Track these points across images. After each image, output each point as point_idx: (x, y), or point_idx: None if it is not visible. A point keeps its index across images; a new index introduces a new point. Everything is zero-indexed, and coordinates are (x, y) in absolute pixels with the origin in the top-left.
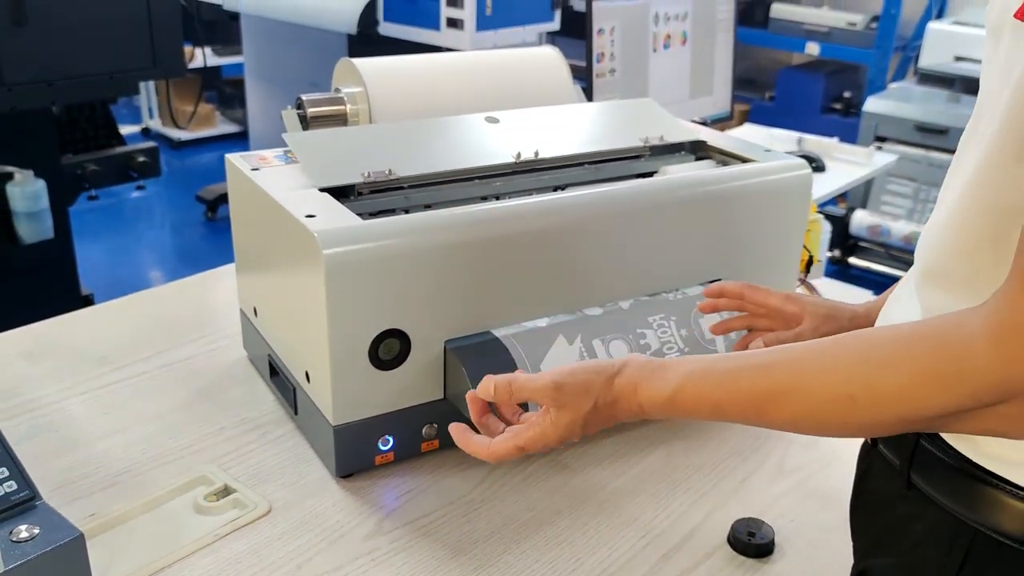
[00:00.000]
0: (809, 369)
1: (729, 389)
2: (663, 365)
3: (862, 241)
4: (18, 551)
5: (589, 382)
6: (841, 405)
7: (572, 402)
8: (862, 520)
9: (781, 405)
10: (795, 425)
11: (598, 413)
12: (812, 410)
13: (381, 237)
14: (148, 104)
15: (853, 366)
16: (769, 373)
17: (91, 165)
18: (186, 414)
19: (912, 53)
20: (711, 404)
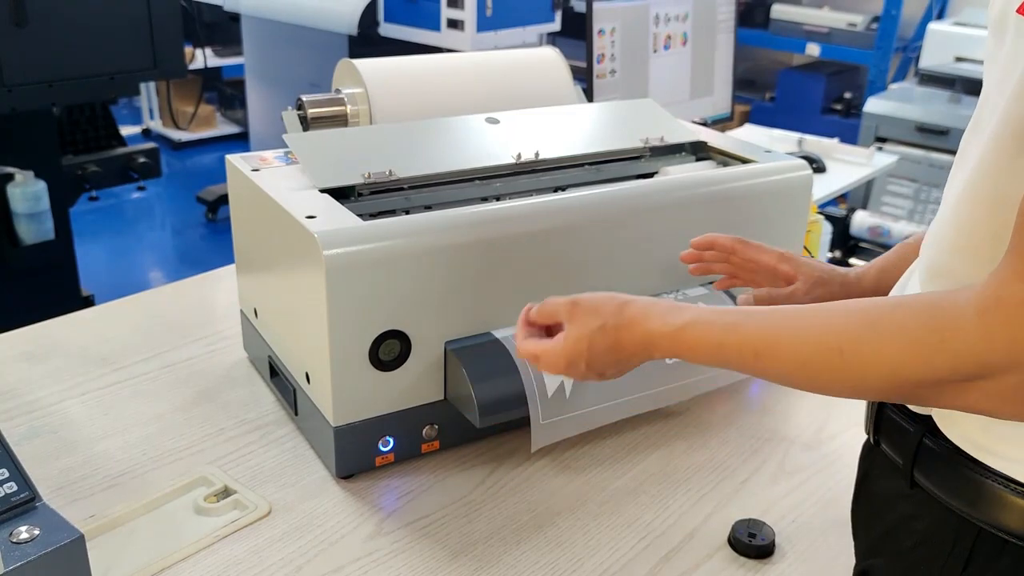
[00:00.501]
0: (807, 322)
1: (733, 332)
2: (676, 304)
3: (863, 242)
4: (18, 552)
5: (602, 302)
6: (830, 358)
7: (583, 318)
8: (864, 520)
9: (777, 353)
10: (787, 375)
11: (605, 334)
12: (803, 360)
13: (382, 238)
14: (149, 105)
15: (847, 322)
16: (770, 320)
17: (92, 166)
18: (186, 415)
19: (913, 54)
20: (714, 344)
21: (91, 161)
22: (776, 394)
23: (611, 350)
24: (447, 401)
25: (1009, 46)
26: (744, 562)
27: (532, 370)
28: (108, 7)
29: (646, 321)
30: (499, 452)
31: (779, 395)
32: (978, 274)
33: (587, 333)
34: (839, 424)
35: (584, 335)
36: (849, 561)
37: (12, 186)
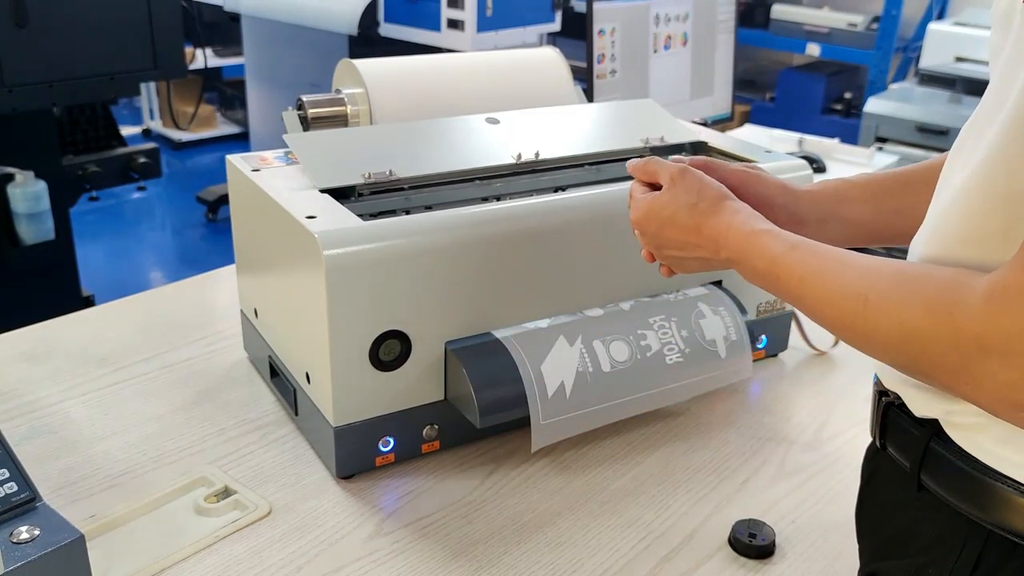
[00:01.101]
0: (848, 263)
1: (790, 252)
2: (759, 215)
3: None
4: (18, 552)
5: (707, 184)
6: (856, 304)
7: (682, 188)
8: (869, 523)
9: (816, 283)
10: (819, 308)
11: (692, 212)
12: (831, 298)
13: (382, 238)
14: (149, 105)
15: (880, 272)
16: (823, 254)
17: (92, 166)
18: (186, 415)
19: (913, 54)
20: (772, 257)
21: (91, 161)
22: (776, 394)
23: (687, 230)
24: (447, 401)
25: (1014, 39)
26: (744, 562)
27: (532, 370)
28: (108, 7)
29: (733, 215)
30: (499, 452)
31: (779, 395)
32: (987, 265)
33: (677, 203)
34: (840, 424)
35: (671, 204)
36: (850, 562)
37: (12, 186)
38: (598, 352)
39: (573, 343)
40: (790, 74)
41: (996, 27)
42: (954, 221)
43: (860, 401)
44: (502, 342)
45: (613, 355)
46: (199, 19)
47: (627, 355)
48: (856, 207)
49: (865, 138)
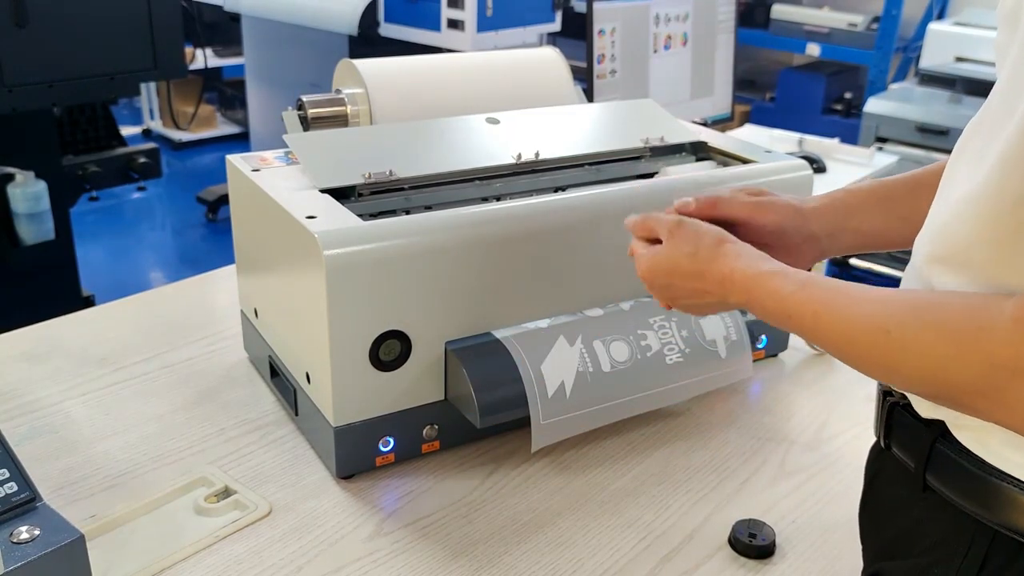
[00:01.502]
0: (869, 294)
1: (802, 289)
2: (764, 254)
3: None
4: (19, 552)
5: (702, 232)
6: (877, 336)
7: (680, 239)
8: (873, 524)
9: (833, 317)
10: (837, 344)
11: (694, 260)
12: (853, 332)
13: (382, 238)
14: (149, 105)
15: (898, 304)
16: (838, 289)
17: (92, 166)
18: (187, 415)
19: (913, 54)
20: (783, 296)
21: (91, 161)
22: (776, 394)
23: (693, 277)
24: (447, 401)
25: (1023, 38)
26: (744, 562)
27: (532, 370)
28: (108, 7)
29: (736, 259)
30: (499, 452)
31: (779, 395)
32: (999, 265)
33: (678, 254)
34: (840, 424)
35: (674, 255)
36: (850, 562)
37: (12, 186)
38: (598, 352)
39: (573, 343)
40: (790, 74)
41: (1003, 26)
42: (964, 222)
43: (860, 401)
44: (502, 342)
45: (613, 355)
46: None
47: (627, 355)
48: (866, 217)
49: (865, 138)
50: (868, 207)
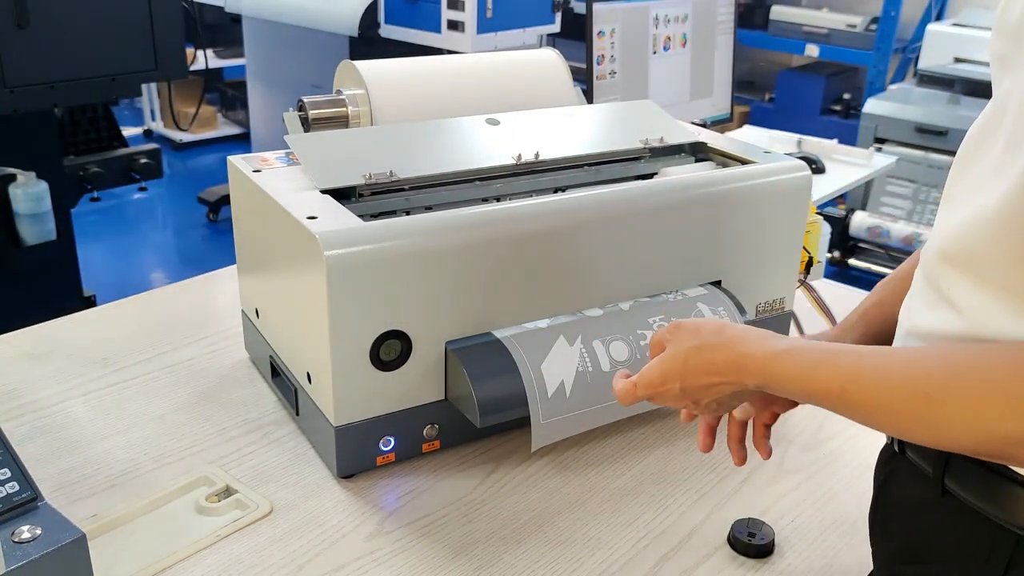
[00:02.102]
0: (896, 359)
1: (823, 365)
2: (772, 333)
3: (862, 242)
4: (20, 552)
5: (702, 324)
6: (916, 403)
7: (681, 337)
8: (886, 527)
9: (863, 388)
10: (870, 414)
11: (700, 353)
12: (889, 400)
13: (382, 239)
14: (150, 106)
15: (934, 365)
16: (862, 358)
17: (93, 167)
18: (188, 415)
19: (912, 55)
20: (803, 375)
21: (93, 162)
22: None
23: (705, 371)
24: (447, 401)
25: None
26: (743, 561)
27: (532, 370)
28: (109, 8)
29: (742, 344)
30: (499, 452)
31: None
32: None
33: (683, 351)
34: (838, 424)
35: (680, 352)
36: (849, 560)
37: (14, 187)
38: (598, 352)
39: (573, 343)
40: (789, 75)
41: (1003, 36)
42: (984, 233)
43: None
44: (502, 342)
45: (613, 355)
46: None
47: (627, 355)
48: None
49: (864, 139)
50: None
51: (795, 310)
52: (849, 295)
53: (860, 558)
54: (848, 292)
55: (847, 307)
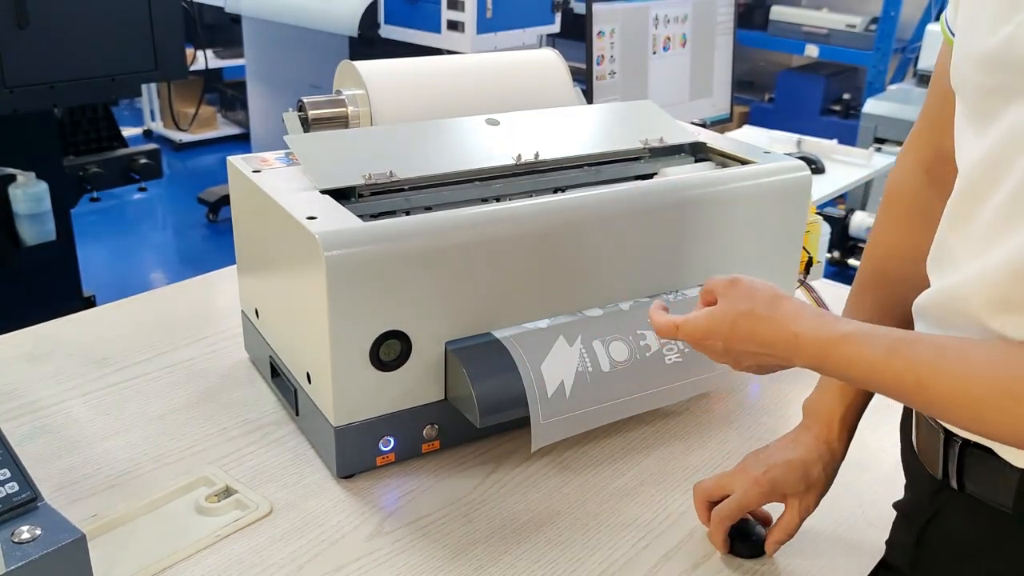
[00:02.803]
0: (981, 357)
1: (895, 355)
2: (834, 315)
3: (861, 242)
4: (20, 552)
5: (757, 288)
6: (1005, 403)
7: (735, 297)
8: (943, 562)
9: (944, 383)
10: (950, 408)
11: (751, 319)
12: (973, 398)
13: (382, 239)
14: (150, 106)
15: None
16: (942, 351)
17: (93, 167)
18: (187, 415)
19: (911, 55)
20: (870, 364)
21: (92, 162)
22: (775, 394)
23: (752, 339)
24: (447, 401)
25: None
26: (742, 563)
27: (532, 370)
28: (109, 9)
29: (796, 321)
30: (499, 452)
31: (777, 395)
32: None
33: (733, 313)
34: None
35: (729, 314)
36: (849, 560)
37: (14, 187)
38: (597, 352)
39: (573, 343)
40: (789, 75)
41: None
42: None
43: None
44: (502, 342)
45: (612, 355)
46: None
47: (626, 355)
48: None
49: (863, 139)
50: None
51: None
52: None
53: (861, 558)
54: (847, 292)
55: None
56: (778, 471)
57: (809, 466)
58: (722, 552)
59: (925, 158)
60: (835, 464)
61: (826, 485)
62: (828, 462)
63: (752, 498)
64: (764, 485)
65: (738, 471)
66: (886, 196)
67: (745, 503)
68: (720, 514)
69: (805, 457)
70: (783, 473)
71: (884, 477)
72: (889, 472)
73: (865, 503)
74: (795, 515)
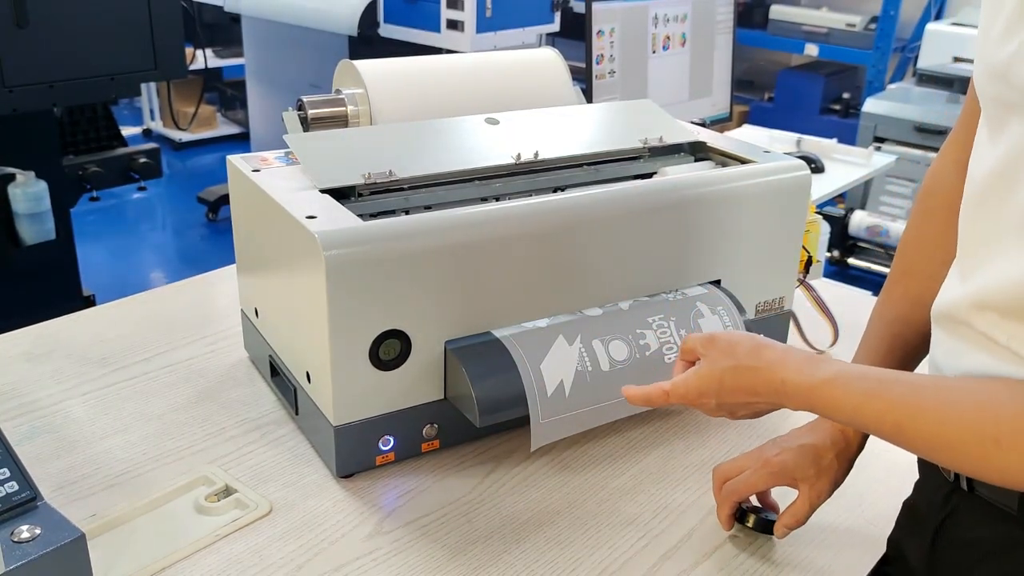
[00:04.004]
0: (959, 399)
1: (875, 398)
2: (815, 357)
3: (861, 241)
4: (19, 551)
5: (737, 342)
6: (984, 447)
7: (717, 355)
8: (954, 566)
9: (921, 427)
10: (929, 450)
11: (737, 374)
12: (952, 441)
13: (382, 238)
14: (149, 106)
15: (1004, 409)
16: (920, 393)
17: (93, 166)
18: (187, 414)
19: (911, 54)
20: (852, 407)
21: (92, 162)
22: None
23: (742, 391)
24: (447, 400)
25: None
26: (743, 560)
27: (531, 369)
28: (109, 8)
29: (783, 369)
30: (499, 451)
31: None
32: None
33: (719, 370)
34: None
35: (716, 371)
36: (849, 560)
37: (13, 186)
38: (597, 351)
39: (572, 342)
40: (788, 74)
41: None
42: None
43: None
44: (501, 342)
45: (612, 354)
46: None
47: (626, 354)
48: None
49: (863, 138)
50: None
51: (794, 309)
52: (848, 294)
53: (861, 557)
54: (847, 291)
55: (846, 306)
56: (790, 455)
57: (821, 452)
58: (726, 529)
59: (962, 157)
60: (849, 453)
61: (839, 474)
62: (842, 450)
63: (761, 478)
64: (775, 467)
65: (754, 452)
66: (922, 190)
67: (754, 482)
68: (727, 489)
69: (818, 443)
70: (795, 457)
71: (884, 476)
72: (889, 471)
73: (865, 502)
74: (805, 501)
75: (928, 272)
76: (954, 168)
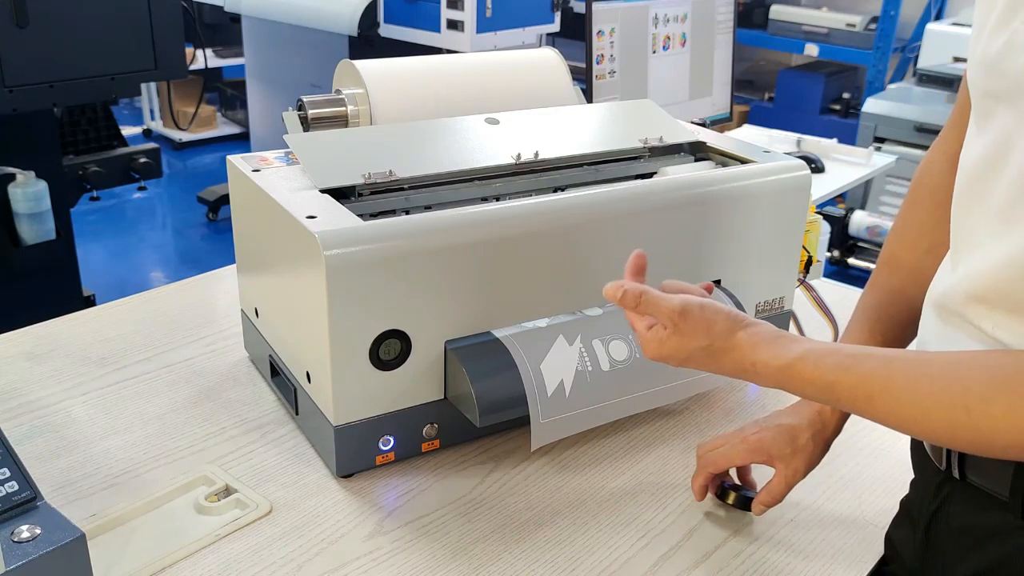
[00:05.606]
0: (931, 372)
1: (846, 372)
2: (787, 335)
3: (861, 241)
4: (19, 551)
5: (712, 322)
6: (954, 415)
7: (689, 332)
8: (949, 555)
9: (894, 398)
10: (901, 422)
11: (708, 353)
12: (923, 413)
13: (382, 238)
14: (150, 106)
15: (974, 377)
16: (890, 366)
17: (93, 166)
18: (187, 414)
19: (911, 54)
20: (825, 383)
21: (92, 161)
22: (774, 393)
23: (710, 367)
24: (447, 400)
25: None
26: (743, 559)
27: (532, 369)
28: (109, 8)
29: (753, 351)
30: (499, 451)
31: (777, 394)
32: None
33: (689, 348)
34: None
35: (685, 348)
36: (849, 559)
37: (13, 186)
38: (597, 351)
39: (572, 342)
40: (788, 74)
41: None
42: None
43: None
44: (502, 341)
45: (612, 354)
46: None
47: (626, 354)
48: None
49: (863, 138)
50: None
51: (794, 309)
52: (848, 294)
53: (861, 556)
54: (847, 291)
55: (846, 306)
56: (768, 433)
57: (798, 432)
58: (698, 499)
59: (951, 150)
60: (825, 435)
61: (814, 454)
62: (818, 431)
63: (739, 453)
64: (752, 443)
65: (735, 430)
66: (913, 182)
67: (730, 455)
68: (705, 459)
69: (796, 423)
70: (772, 435)
71: (884, 475)
72: (889, 470)
73: (865, 502)
74: (781, 479)
75: (910, 261)
76: (943, 160)
